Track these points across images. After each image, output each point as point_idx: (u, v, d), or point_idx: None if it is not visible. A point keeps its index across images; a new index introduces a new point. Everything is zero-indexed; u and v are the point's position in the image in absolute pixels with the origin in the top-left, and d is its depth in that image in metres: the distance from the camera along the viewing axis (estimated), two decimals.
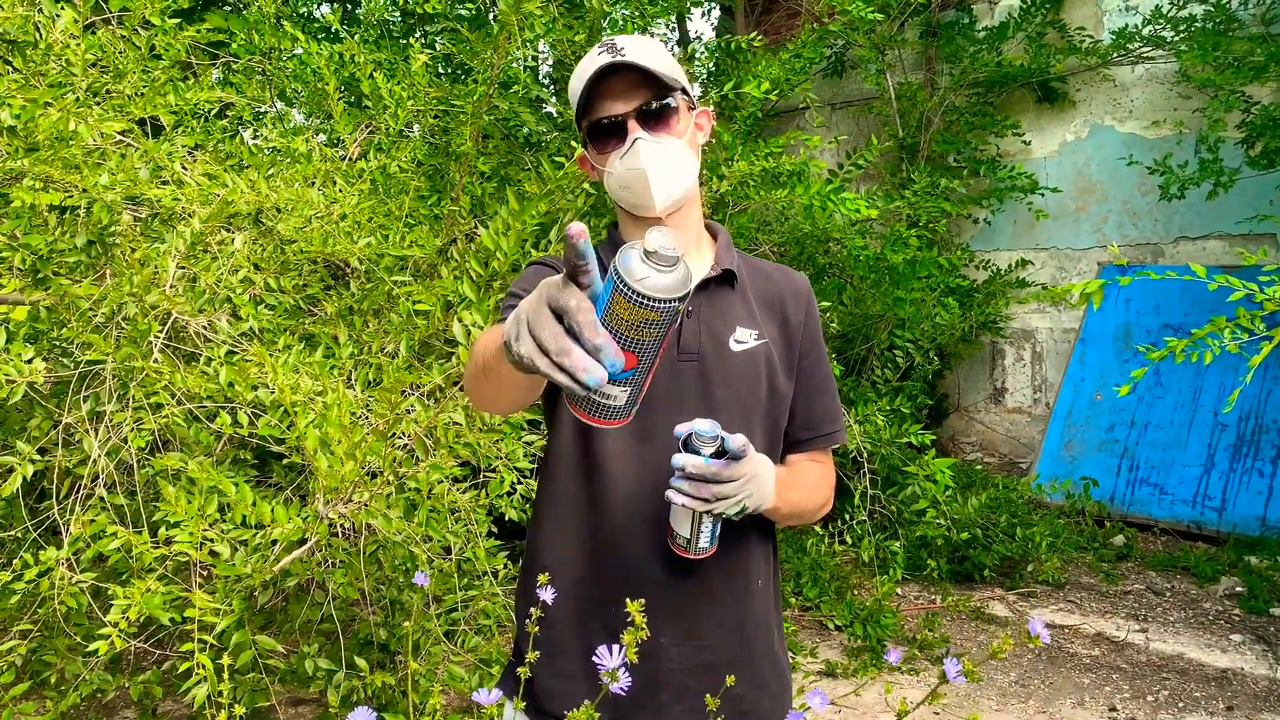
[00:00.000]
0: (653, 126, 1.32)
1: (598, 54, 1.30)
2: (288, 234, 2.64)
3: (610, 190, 1.37)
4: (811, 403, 1.44)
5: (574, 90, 1.33)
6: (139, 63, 2.86)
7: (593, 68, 1.28)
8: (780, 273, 1.49)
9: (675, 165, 1.32)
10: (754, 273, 1.46)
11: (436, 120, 3.63)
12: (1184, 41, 5.60)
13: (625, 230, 1.44)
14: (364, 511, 2.14)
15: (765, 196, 3.92)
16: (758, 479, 1.19)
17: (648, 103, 1.31)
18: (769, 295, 1.43)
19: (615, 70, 1.28)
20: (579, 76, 1.32)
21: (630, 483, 1.31)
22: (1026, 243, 6.76)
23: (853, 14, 4.40)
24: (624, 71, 1.29)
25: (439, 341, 2.75)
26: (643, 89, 1.31)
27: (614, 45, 1.30)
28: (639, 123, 1.31)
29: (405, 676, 2.56)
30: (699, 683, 1.30)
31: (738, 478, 1.16)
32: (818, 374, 1.45)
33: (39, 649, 2.36)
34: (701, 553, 1.26)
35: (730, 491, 1.16)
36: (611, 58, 1.28)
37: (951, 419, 7.16)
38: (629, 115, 1.30)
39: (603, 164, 1.35)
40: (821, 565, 4.41)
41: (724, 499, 1.17)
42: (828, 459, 1.49)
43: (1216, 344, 2.33)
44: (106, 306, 2.14)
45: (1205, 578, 4.70)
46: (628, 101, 1.31)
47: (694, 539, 1.23)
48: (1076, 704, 3.52)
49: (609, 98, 1.31)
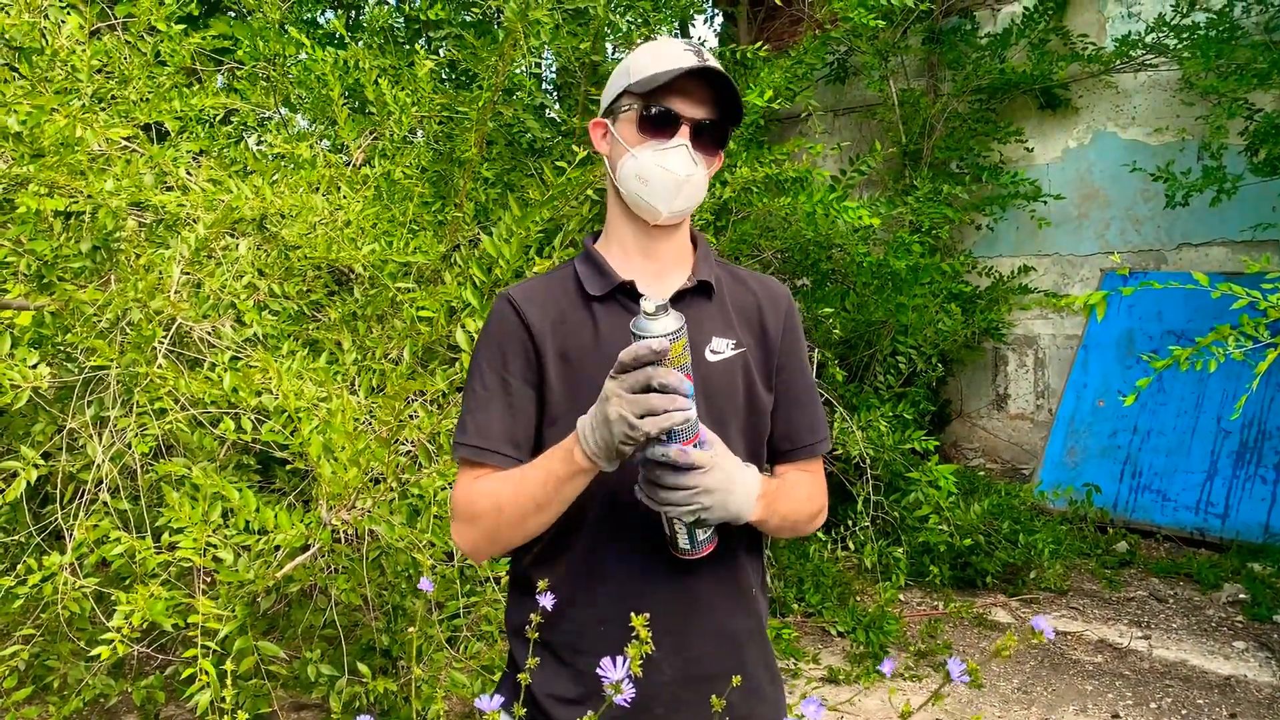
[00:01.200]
0: (700, 145, 1.32)
1: (683, 50, 1.30)
2: (292, 240, 2.65)
3: (622, 175, 1.34)
4: (792, 413, 1.43)
5: (647, 67, 1.30)
6: (144, 69, 2.87)
7: (685, 62, 1.27)
8: (759, 282, 1.47)
9: (696, 187, 1.33)
10: (733, 282, 1.44)
11: (441, 126, 3.64)
12: (1187, 49, 5.60)
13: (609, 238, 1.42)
14: (367, 518, 2.14)
15: (768, 203, 3.92)
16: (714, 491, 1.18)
17: (712, 121, 1.31)
18: (746, 305, 1.42)
19: (705, 75, 1.28)
20: (658, 58, 1.30)
21: (610, 498, 1.30)
22: (1029, 249, 6.76)
23: (855, 20, 4.40)
24: (711, 82, 1.29)
25: (442, 347, 2.75)
26: (709, 107, 1.31)
27: (702, 52, 1.30)
28: (694, 134, 1.31)
29: (408, 682, 2.56)
30: (693, 694, 1.30)
31: (684, 487, 1.16)
32: (798, 384, 1.44)
33: (42, 654, 2.37)
34: (684, 553, 1.26)
35: (679, 499, 1.17)
36: (700, 62, 1.28)
37: (954, 425, 7.15)
38: (693, 121, 1.30)
39: (633, 144, 1.33)
40: (824, 571, 4.41)
41: (674, 505, 1.17)
42: (817, 467, 1.47)
43: (1221, 352, 2.33)
44: (111, 312, 2.15)
45: (1208, 584, 4.69)
46: (695, 109, 1.30)
47: (673, 537, 1.25)
48: (1079, 711, 3.52)
49: (684, 95, 1.30)
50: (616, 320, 1.33)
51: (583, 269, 1.38)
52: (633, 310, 1.29)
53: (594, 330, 1.33)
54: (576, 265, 1.40)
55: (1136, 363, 5.86)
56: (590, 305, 1.35)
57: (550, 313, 1.34)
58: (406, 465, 2.26)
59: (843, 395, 4.74)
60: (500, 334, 1.35)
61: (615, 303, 1.35)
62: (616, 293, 1.35)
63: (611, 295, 1.35)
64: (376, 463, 2.12)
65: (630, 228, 1.38)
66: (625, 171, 1.33)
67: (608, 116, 1.38)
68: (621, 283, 1.34)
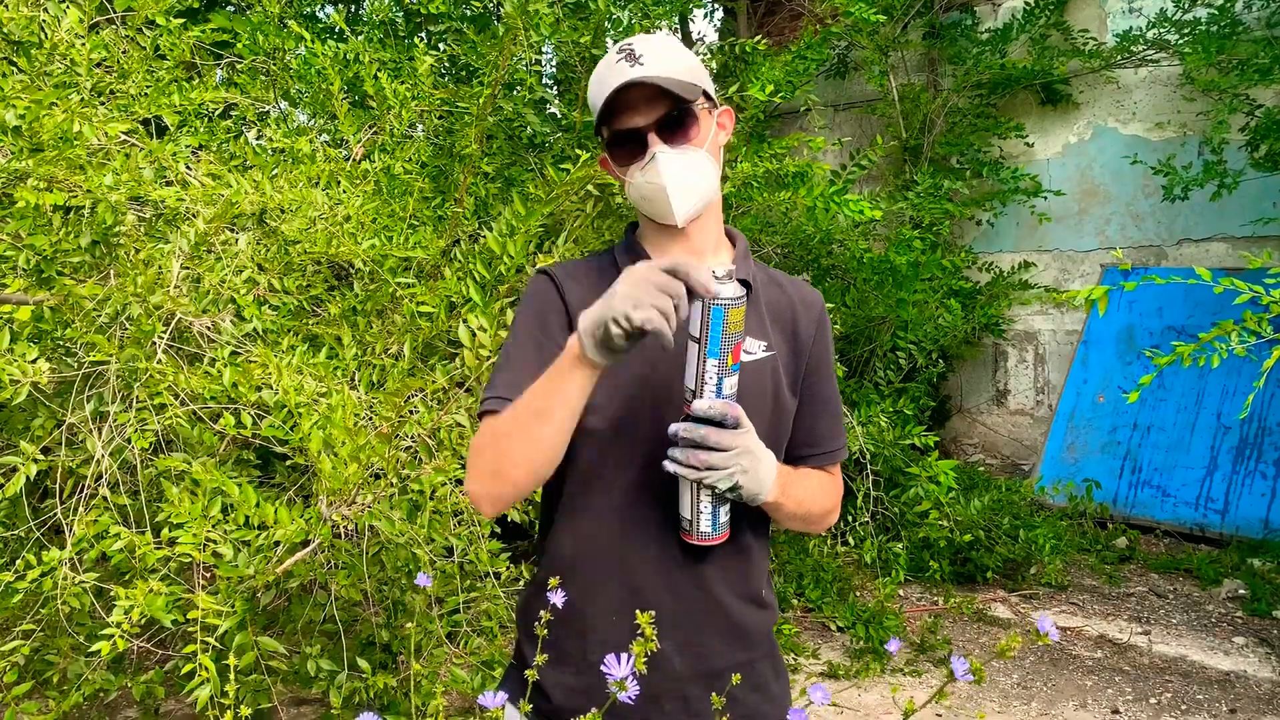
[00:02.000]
0: (673, 138, 1.29)
1: (616, 61, 1.28)
2: (292, 235, 2.64)
3: (631, 199, 1.35)
4: (815, 419, 1.43)
5: (593, 98, 1.31)
6: (143, 62, 2.86)
7: (613, 80, 1.26)
8: (794, 285, 1.47)
9: (696, 177, 1.30)
10: (769, 283, 1.44)
11: (441, 121, 3.63)
12: (1188, 44, 5.59)
13: (646, 235, 1.42)
14: (367, 513, 2.14)
15: (768, 198, 3.91)
16: (752, 455, 1.19)
17: (667, 115, 1.29)
18: (781, 307, 1.42)
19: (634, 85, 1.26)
20: (598, 84, 1.30)
21: (629, 489, 1.31)
22: (1029, 244, 6.76)
23: (856, 15, 4.39)
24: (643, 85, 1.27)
25: (442, 343, 2.75)
26: (663, 99, 1.28)
27: (633, 53, 1.28)
28: (659, 135, 1.28)
29: (408, 678, 2.56)
30: (701, 690, 1.30)
31: (729, 447, 1.16)
32: (823, 391, 1.44)
33: (42, 649, 2.36)
34: (704, 538, 1.25)
35: (720, 462, 1.16)
36: (630, 67, 1.26)
37: (954, 421, 7.15)
38: (649, 128, 1.28)
39: (623, 174, 1.34)
40: (824, 567, 4.41)
41: (714, 469, 1.17)
42: (835, 470, 1.48)
43: (1224, 348, 2.33)
44: (110, 307, 2.14)
45: (1208, 580, 4.69)
46: (647, 114, 1.28)
47: (695, 520, 1.24)
48: (1079, 706, 3.52)
49: (628, 110, 1.29)
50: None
51: (623, 258, 1.38)
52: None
53: None
54: (616, 253, 1.41)
55: (1137, 358, 5.86)
56: None
57: (589, 290, 1.32)
58: (407, 461, 2.26)
59: (843, 391, 4.73)
60: (539, 302, 1.36)
61: None
62: None
63: None
64: (376, 458, 2.11)
65: (660, 229, 1.39)
66: (632, 196, 1.35)
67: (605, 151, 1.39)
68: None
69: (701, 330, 1.15)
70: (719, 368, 1.17)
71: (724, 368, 1.17)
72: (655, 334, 1.06)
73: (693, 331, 1.17)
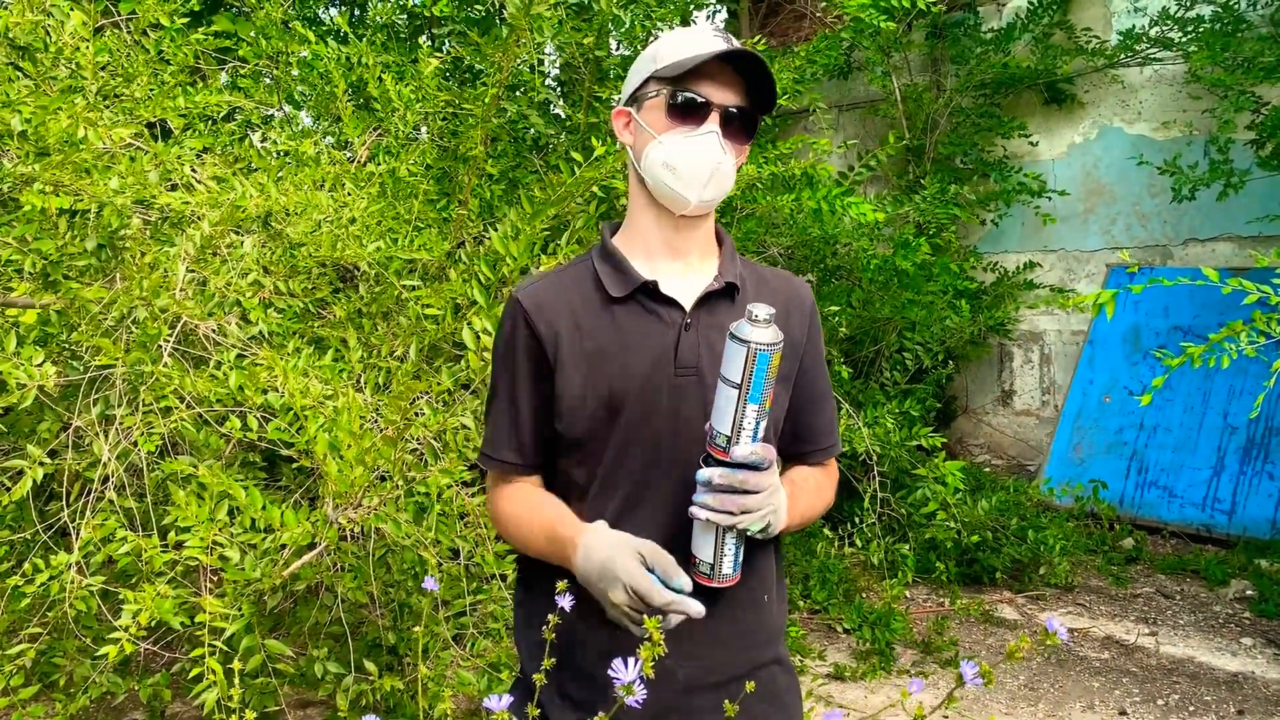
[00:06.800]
0: (730, 133, 1.28)
1: (712, 35, 1.26)
2: (297, 237, 2.64)
3: (648, 164, 1.30)
4: (809, 414, 1.42)
5: (675, 52, 1.27)
6: (148, 66, 2.87)
7: (713, 45, 1.24)
8: (783, 280, 1.44)
9: (723, 177, 1.29)
10: (757, 281, 1.41)
11: (445, 123, 3.62)
12: (1193, 42, 5.57)
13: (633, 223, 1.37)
14: (373, 515, 2.14)
15: (773, 200, 3.91)
16: (779, 492, 1.18)
17: (741, 109, 1.28)
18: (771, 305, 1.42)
19: (736, 60, 1.25)
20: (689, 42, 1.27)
21: (635, 503, 1.29)
22: (1034, 244, 6.74)
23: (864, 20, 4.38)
24: (742, 68, 1.26)
25: (448, 345, 2.74)
26: (740, 94, 1.28)
27: (729, 37, 1.27)
28: (723, 120, 1.27)
29: (414, 680, 2.55)
30: (708, 702, 1.28)
31: (764, 488, 1.14)
32: (816, 385, 1.43)
33: (48, 651, 2.37)
34: (725, 579, 1.21)
35: (755, 504, 1.14)
36: (729, 46, 1.24)
37: (959, 421, 7.13)
38: (723, 108, 1.27)
39: (660, 131, 1.28)
40: (830, 568, 4.40)
41: (749, 511, 1.14)
42: (830, 463, 1.48)
43: (1233, 348, 2.31)
44: (116, 310, 2.14)
45: (1215, 581, 4.67)
46: (725, 94, 1.27)
47: (717, 563, 1.19)
48: (1086, 707, 3.51)
49: (712, 80, 1.26)
50: (638, 322, 1.30)
51: (602, 268, 1.34)
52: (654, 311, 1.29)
53: (614, 333, 1.30)
54: (595, 263, 1.35)
55: (1143, 359, 5.84)
56: (610, 307, 1.31)
57: (563, 317, 1.31)
58: (413, 463, 2.26)
59: (849, 392, 4.73)
60: (509, 346, 1.34)
61: (636, 303, 1.31)
62: (638, 293, 1.31)
63: (632, 296, 1.31)
64: (382, 460, 2.11)
65: (654, 220, 1.34)
66: (651, 159, 1.29)
67: (631, 104, 1.33)
68: (644, 283, 1.31)
69: (744, 376, 1.12)
70: (758, 413, 1.14)
71: (762, 412, 1.14)
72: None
73: (730, 376, 1.13)
